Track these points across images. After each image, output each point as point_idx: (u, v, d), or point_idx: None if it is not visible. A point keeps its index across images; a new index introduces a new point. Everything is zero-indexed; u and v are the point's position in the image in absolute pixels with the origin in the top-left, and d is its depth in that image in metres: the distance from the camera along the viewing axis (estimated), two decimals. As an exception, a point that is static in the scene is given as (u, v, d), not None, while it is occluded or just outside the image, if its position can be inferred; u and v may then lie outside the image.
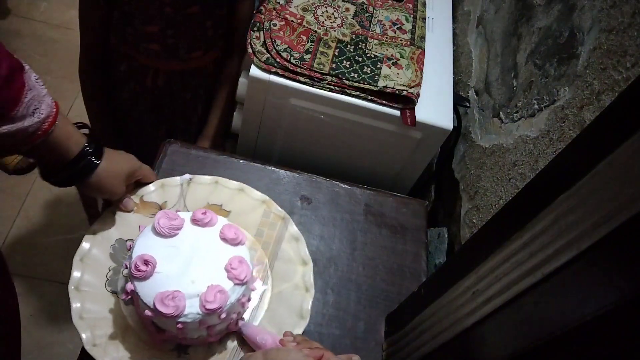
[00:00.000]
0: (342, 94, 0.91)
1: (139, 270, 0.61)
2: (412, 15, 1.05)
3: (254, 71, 0.90)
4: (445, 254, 0.96)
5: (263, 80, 0.90)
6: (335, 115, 0.94)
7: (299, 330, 0.69)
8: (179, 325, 0.60)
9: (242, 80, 1.01)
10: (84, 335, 0.63)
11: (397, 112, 0.91)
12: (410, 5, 1.07)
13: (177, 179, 0.79)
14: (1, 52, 0.53)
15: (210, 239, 0.67)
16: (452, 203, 1.00)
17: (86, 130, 0.70)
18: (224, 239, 0.67)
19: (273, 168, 0.89)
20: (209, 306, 0.60)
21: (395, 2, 1.07)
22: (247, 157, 0.90)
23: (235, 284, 0.63)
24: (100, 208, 0.77)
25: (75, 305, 0.65)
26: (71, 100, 1.90)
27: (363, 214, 0.88)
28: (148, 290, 0.61)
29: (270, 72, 0.90)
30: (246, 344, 0.67)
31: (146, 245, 0.64)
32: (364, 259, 0.83)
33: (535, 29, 0.81)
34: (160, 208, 0.77)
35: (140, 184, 0.78)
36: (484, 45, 1.02)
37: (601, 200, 0.39)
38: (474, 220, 0.89)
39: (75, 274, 0.68)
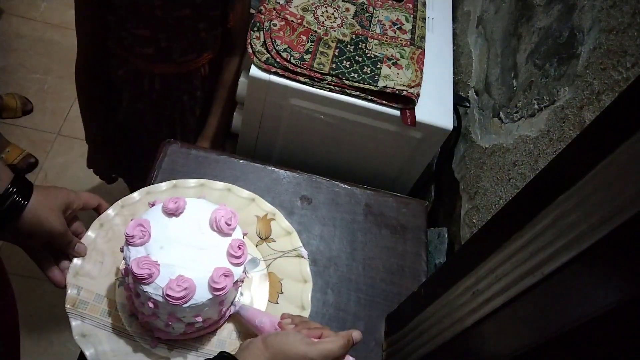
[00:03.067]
0: (342, 94, 0.91)
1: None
2: (412, 15, 1.05)
3: (254, 71, 0.90)
4: (445, 254, 0.96)
5: (263, 80, 0.90)
6: (335, 115, 0.94)
7: None
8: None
9: (242, 80, 1.01)
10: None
11: (397, 112, 0.91)
12: (410, 5, 1.07)
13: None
14: None
15: (216, 243, 0.66)
16: (452, 203, 1.00)
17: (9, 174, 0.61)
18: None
19: (273, 168, 0.89)
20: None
21: (395, 2, 1.07)
22: (247, 157, 0.90)
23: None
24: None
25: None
26: (71, 100, 1.90)
27: (363, 214, 0.88)
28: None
29: (270, 72, 0.90)
30: (241, 330, 0.67)
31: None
32: (364, 259, 0.83)
33: (535, 29, 0.81)
34: None
35: (98, 212, 0.73)
36: (484, 45, 1.02)
37: (601, 200, 0.39)
38: (474, 220, 0.89)
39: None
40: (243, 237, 0.67)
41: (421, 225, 0.90)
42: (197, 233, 0.65)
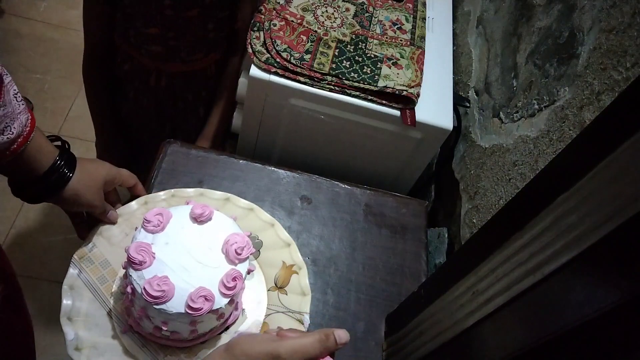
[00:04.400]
0: (342, 94, 0.91)
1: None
2: (412, 15, 1.05)
3: (254, 71, 0.90)
4: (445, 254, 0.96)
5: (263, 80, 0.90)
6: (335, 115, 0.94)
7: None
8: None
9: (242, 80, 1.01)
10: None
11: (397, 112, 0.91)
12: (410, 5, 1.07)
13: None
14: None
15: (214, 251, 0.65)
16: (452, 203, 1.00)
17: (59, 143, 0.66)
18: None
19: (273, 168, 0.89)
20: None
21: (395, 2, 1.07)
22: (247, 157, 0.90)
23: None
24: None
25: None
26: (71, 100, 1.90)
27: (363, 214, 0.88)
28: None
29: (270, 72, 0.90)
30: None
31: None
32: (364, 259, 0.83)
33: (535, 29, 0.81)
34: None
35: (133, 192, 0.76)
36: (484, 45, 1.02)
37: (601, 200, 0.39)
38: (474, 220, 0.89)
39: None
40: (247, 273, 0.65)
41: (421, 225, 0.90)
42: (206, 247, 0.64)
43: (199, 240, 0.64)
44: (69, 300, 0.64)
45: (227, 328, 0.68)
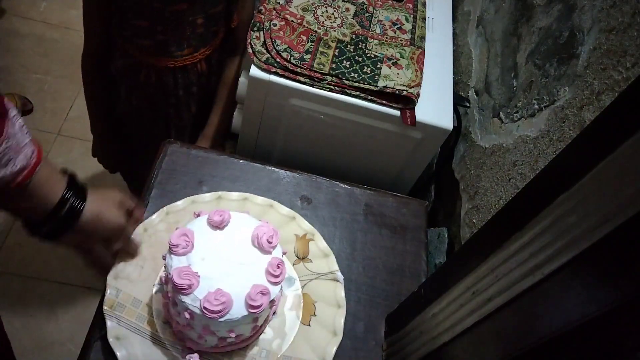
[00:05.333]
0: (342, 94, 0.91)
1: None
2: (412, 15, 1.05)
3: (254, 71, 0.90)
4: (445, 254, 0.96)
5: (263, 80, 0.90)
6: (335, 115, 0.94)
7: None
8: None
9: (242, 80, 1.01)
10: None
11: (397, 112, 0.91)
12: (410, 5, 1.07)
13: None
14: None
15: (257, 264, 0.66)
16: (452, 203, 1.00)
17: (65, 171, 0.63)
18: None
19: (273, 168, 0.89)
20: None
21: (395, 2, 1.07)
22: (247, 157, 0.90)
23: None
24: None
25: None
26: (71, 100, 1.90)
27: (363, 214, 0.88)
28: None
29: (270, 72, 0.90)
30: None
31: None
32: (364, 259, 0.83)
33: (535, 29, 0.81)
34: None
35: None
36: (484, 45, 1.02)
37: (601, 200, 0.39)
38: (474, 220, 0.89)
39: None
40: (282, 256, 0.67)
41: (421, 225, 0.90)
42: (239, 248, 0.65)
43: (230, 244, 0.65)
44: (122, 351, 0.64)
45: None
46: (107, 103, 1.12)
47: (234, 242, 0.65)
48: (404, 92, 0.90)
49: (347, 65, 0.92)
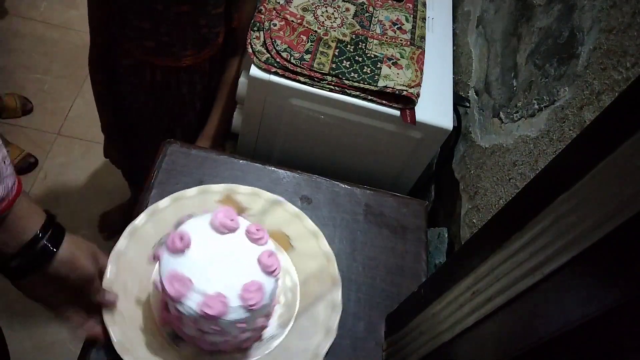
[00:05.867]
0: (342, 94, 0.91)
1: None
2: (412, 15, 1.05)
3: (254, 71, 0.90)
4: (445, 254, 0.96)
5: (263, 80, 0.90)
6: (335, 115, 0.94)
7: (324, 346, 0.70)
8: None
9: (242, 80, 1.01)
10: (108, 276, 0.67)
11: (397, 112, 0.91)
12: (410, 5, 1.07)
13: (272, 196, 0.81)
14: None
15: (249, 255, 0.65)
16: (452, 203, 1.00)
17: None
18: (259, 262, 0.65)
19: (273, 168, 0.89)
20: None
21: (395, 2, 1.07)
22: (247, 157, 0.90)
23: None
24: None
25: (118, 247, 0.69)
26: (71, 100, 1.90)
27: (363, 214, 0.88)
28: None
29: (270, 72, 0.90)
30: None
31: (196, 227, 0.64)
32: (364, 259, 0.83)
33: (535, 29, 0.81)
34: (241, 210, 0.78)
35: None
36: (484, 45, 1.02)
37: (601, 200, 0.39)
38: (474, 220, 0.89)
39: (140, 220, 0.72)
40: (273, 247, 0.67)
41: (421, 225, 0.90)
42: (226, 247, 0.65)
43: (219, 245, 0.65)
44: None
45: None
46: (114, 98, 1.13)
47: (223, 243, 0.65)
48: (404, 92, 0.90)
49: (347, 65, 0.92)
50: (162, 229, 0.73)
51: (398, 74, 0.93)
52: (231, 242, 0.65)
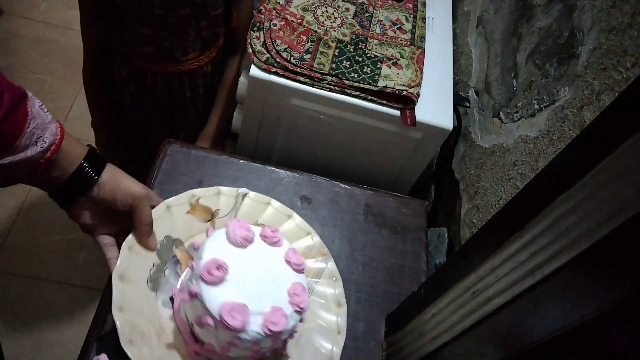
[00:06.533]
0: (342, 94, 0.91)
1: (211, 275, 0.58)
2: (412, 15, 1.05)
3: (254, 71, 0.90)
4: (445, 254, 0.96)
5: (263, 80, 0.90)
6: (335, 115, 0.94)
7: (338, 350, 0.69)
8: (234, 341, 0.58)
9: (242, 80, 1.01)
10: (121, 330, 0.59)
11: (397, 112, 0.91)
12: (410, 5, 1.07)
13: (234, 190, 0.78)
14: (3, 83, 0.52)
15: (276, 259, 0.65)
16: (452, 203, 1.00)
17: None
18: (288, 262, 0.65)
19: (273, 168, 0.89)
20: (273, 328, 0.58)
21: (395, 2, 1.07)
22: (247, 157, 0.90)
23: (295, 311, 0.61)
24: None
25: (116, 295, 0.61)
26: (71, 100, 1.90)
27: (363, 214, 0.88)
28: (215, 298, 0.58)
29: (270, 72, 0.90)
30: None
31: (218, 249, 0.62)
32: (364, 259, 0.83)
33: (535, 29, 0.81)
34: (212, 215, 0.76)
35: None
36: (484, 45, 1.02)
37: (601, 200, 0.39)
38: (474, 220, 0.89)
39: (122, 262, 0.64)
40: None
41: (421, 225, 0.90)
42: (255, 262, 0.64)
43: (247, 259, 0.64)
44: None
45: None
46: (111, 111, 1.11)
47: (251, 256, 0.64)
48: (404, 92, 0.90)
49: (347, 65, 0.92)
50: (145, 264, 0.67)
51: (398, 74, 0.93)
52: (255, 253, 0.64)
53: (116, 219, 0.67)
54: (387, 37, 0.99)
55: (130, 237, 0.66)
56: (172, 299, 0.66)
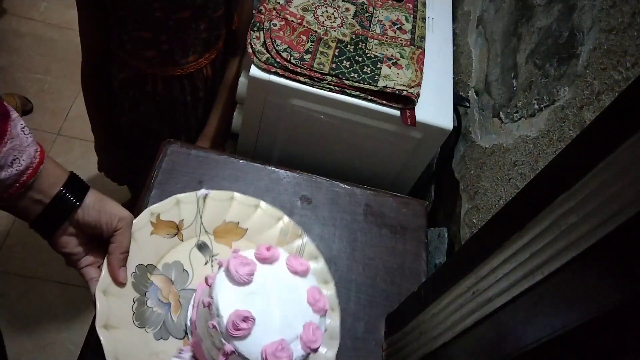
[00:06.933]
0: (342, 94, 0.91)
1: (240, 329, 0.57)
2: (412, 15, 1.05)
3: (254, 71, 0.90)
4: (445, 254, 0.96)
5: (263, 80, 0.90)
6: (335, 115, 0.94)
7: (331, 352, 0.69)
8: None
9: (242, 80, 1.01)
10: None
11: (397, 112, 0.91)
12: (410, 5, 1.07)
13: (193, 194, 0.75)
14: None
15: (281, 275, 0.65)
16: (452, 203, 1.00)
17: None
18: (294, 272, 0.65)
19: (273, 168, 0.89)
20: (314, 345, 0.58)
21: (395, 2, 1.07)
22: (247, 157, 0.90)
23: (321, 316, 0.62)
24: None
25: (108, 347, 0.57)
26: (71, 100, 1.90)
27: (363, 214, 0.88)
28: (252, 347, 0.57)
29: (270, 72, 0.90)
30: None
31: (230, 298, 0.60)
32: (364, 259, 0.83)
33: (535, 29, 0.81)
34: (178, 227, 0.73)
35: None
36: (484, 45, 1.02)
37: (601, 200, 0.39)
38: (474, 220, 0.89)
39: (101, 308, 0.60)
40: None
41: (421, 225, 0.90)
42: (266, 285, 0.63)
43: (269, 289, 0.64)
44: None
45: None
46: (110, 116, 1.11)
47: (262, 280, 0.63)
48: (404, 92, 0.90)
49: (347, 65, 0.92)
50: (125, 303, 0.64)
51: (398, 74, 0.93)
52: (264, 281, 0.63)
53: (101, 250, 0.63)
54: (387, 37, 0.99)
55: (101, 280, 0.61)
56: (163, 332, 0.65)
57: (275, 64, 0.90)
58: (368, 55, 0.94)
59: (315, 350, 0.60)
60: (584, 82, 0.65)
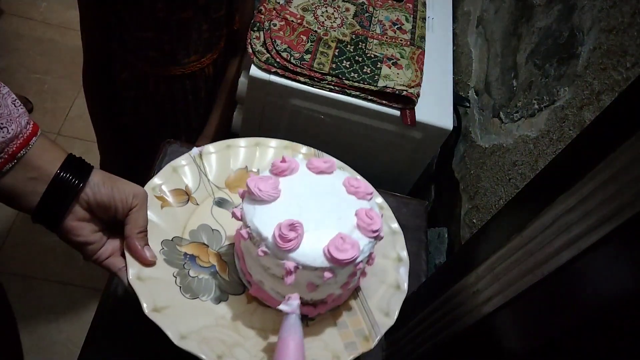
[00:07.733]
0: (342, 94, 0.91)
1: (290, 240, 0.52)
2: (412, 15, 1.05)
3: (254, 71, 0.90)
4: (445, 254, 0.96)
5: (263, 80, 0.90)
6: (335, 115, 0.94)
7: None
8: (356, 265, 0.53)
9: (242, 80, 1.01)
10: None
11: (397, 112, 0.91)
12: (410, 5, 1.07)
13: (187, 156, 0.70)
14: None
15: (308, 179, 0.59)
16: (452, 203, 1.00)
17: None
18: (320, 173, 0.60)
19: (273, 168, 0.89)
20: (374, 227, 0.54)
21: (395, 2, 1.07)
22: (247, 157, 0.89)
23: (369, 201, 0.57)
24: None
25: (170, 328, 0.53)
26: (71, 100, 1.90)
27: (363, 214, 0.88)
28: (312, 253, 0.53)
29: (270, 72, 0.90)
30: None
31: (266, 218, 0.55)
32: (364, 259, 0.83)
33: (535, 29, 0.81)
34: (187, 193, 0.68)
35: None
36: (484, 45, 1.02)
37: (601, 200, 0.39)
38: (474, 220, 0.89)
39: (144, 298, 0.54)
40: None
41: (421, 225, 0.90)
42: (311, 190, 0.59)
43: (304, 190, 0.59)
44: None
45: None
46: (111, 114, 1.11)
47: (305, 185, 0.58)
48: (404, 92, 0.90)
49: (347, 65, 0.92)
50: (166, 283, 0.59)
51: (398, 74, 0.93)
52: (304, 186, 0.59)
53: (119, 236, 0.58)
54: (387, 37, 0.99)
55: (129, 267, 0.56)
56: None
57: (275, 64, 0.90)
58: (368, 55, 0.94)
59: (379, 236, 0.54)
60: (584, 82, 0.65)
